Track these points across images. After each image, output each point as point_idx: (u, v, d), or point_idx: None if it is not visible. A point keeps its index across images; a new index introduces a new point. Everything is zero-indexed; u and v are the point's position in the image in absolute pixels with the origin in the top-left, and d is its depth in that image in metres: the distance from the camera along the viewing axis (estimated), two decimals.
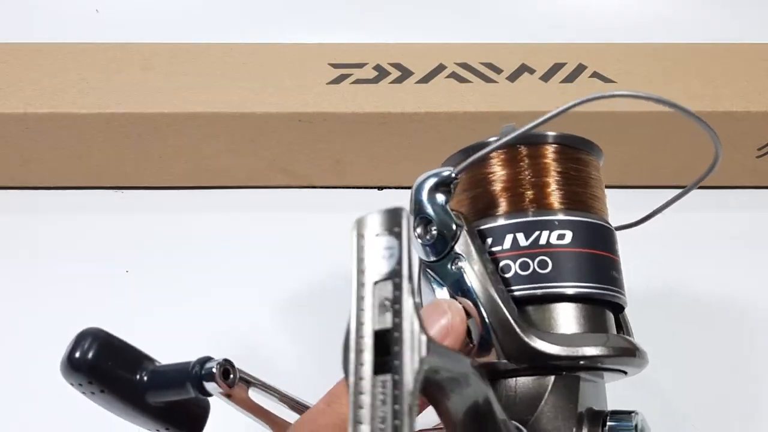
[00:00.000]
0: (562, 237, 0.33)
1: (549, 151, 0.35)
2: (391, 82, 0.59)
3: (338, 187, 0.61)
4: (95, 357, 0.33)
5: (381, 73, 0.60)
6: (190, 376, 0.33)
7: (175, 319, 0.52)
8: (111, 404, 0.34)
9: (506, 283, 0.32)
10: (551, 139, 0.35)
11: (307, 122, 0.57)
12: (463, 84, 0.59)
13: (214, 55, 0.61)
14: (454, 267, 0.32)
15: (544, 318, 0.32)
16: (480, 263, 0.32)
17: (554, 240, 0.33)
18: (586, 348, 0.31)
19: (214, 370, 0.32)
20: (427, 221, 0.33)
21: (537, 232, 0.33)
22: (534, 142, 0.35)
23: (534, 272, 0.32)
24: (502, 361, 0.31)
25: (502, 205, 0.34)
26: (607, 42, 0.65)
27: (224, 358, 0.33)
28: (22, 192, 0.61)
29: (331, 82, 0.59)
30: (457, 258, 0.32)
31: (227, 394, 0.33)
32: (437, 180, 0.33)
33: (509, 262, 0.33)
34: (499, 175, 0.34)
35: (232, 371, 0.33)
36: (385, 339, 0.22)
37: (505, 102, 0.58)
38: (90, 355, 0.33)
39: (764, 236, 0.59)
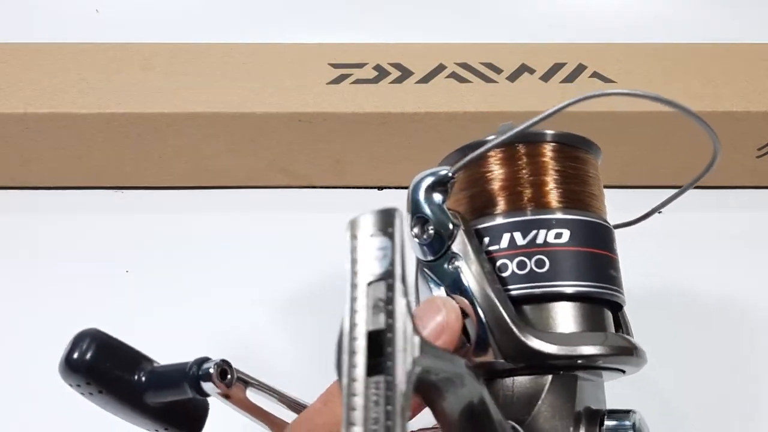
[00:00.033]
0: (559, 236, 0.32)
1: (547, 150, 0.34)
2: (391, 82, 0.59)
3: (338, 187, 0.61)
4: (93, 358, 0.33)
5: (381, 73, 0.60)
6: (188, 377, 0.33)
7: (175, 319, 0.52)
8: (109, 405, 0.34)
9: (503, 282, 0.32)
10: (549, 137, 0.34)
11: (307, 122, 0.57)
12: (463, 84, 0.59)
13: (214, 55, 0.61)
14: (451, 266, 0.32)
15: (541, 317, 0.32)
16: (477, 262, 0.32)
17: (551, 239, 0.32)
18: (584, 347, 0.31)
19: (211, 370, 0.32)
20: (424, 221, 0.33)
21: (534, 231, 0.32)
22: (532, 140, 0.34)
23: (531, 271, 0.32)
24: (499, 360, 0.31)
25: (500, 204, 0.34)
26: (607, 42, 0.65)
27: (221, 359, 0.33)
28: (22, 192, 0.61)
29: (331, 82, 0.59)
30: (454, 257, 0.32)
31: (225, 395, 0.33)
32: (434, 179, 0.33)
33: (506, 261, 0.32)
34: (497, 174, 0.34)
35: (229, 371, 0.33)
36: (378, 340, 0.22)
37: (505, 102, 0.58)
38: (88, 356, 0.33)
39: (764, 236, 0.59)
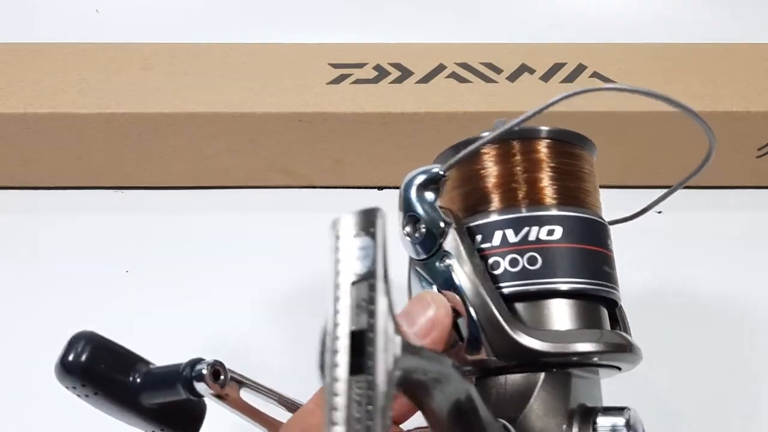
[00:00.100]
0: (551, 232, 0.32)
1: (540, 147, 0.34)
2: (391, 82, 0.59)
3: (338, 187, 0.61)
4: (88, 360, 0.33)
5: (381, 73, 0.60)
6: (181, 378, 0.33)
7: (175, 319, 0.52)
8: (105, 406, 0.34)
9: (496, 280, 0.32)
10: (542, 134, 0.34)
11: (307, 122, 0.57)
12: (463, 84, 0.59)
13: (214, 55, 0.61)
14: (442, 265, 0.32)
15: (535, 315, 0.32)
16: (469, 260, 0.32)
17: (544, 236, 0.32)
18: (578, 344, 0.31)
19: (204, 371, 0.33)
20: (415, 219, 0.32)
21: (526, 228, 0.32)
22: (525, 137, 0.34)
23: (524, 269, 0.32)
24: (491, 358, 0.31)
25: (492, 201, 0.34)
26: (607, 42, 0.65)
27: (215, 360, 0.33)
28: (22, 192, 0.61)
29: (331, 82, 0.59)
30: (445, 256, 0.32)
31: (218, 395, 0.33)
32: (426, 177, 0.33)
33: (498, 258, 0.32)
34: (490, 171, 0.34)
35: (222, 372, 0.33)
36: (361, 340, 0.22)
37: (505, 102, 0.58)
38: (83, 359, 0.33)
39: (764, 236, 0.59)
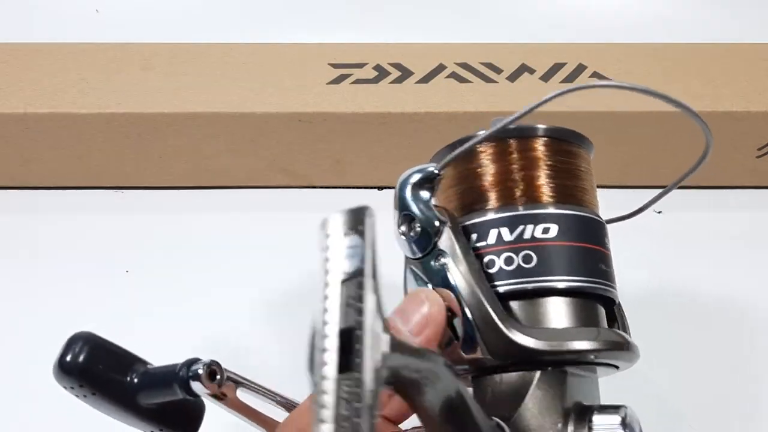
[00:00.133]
0: (547, 230, 0.32)
1: (536, 145, 0.34)
2: (391, 82, 0.59)
3: (338, 187, 0.61)
4: (86, 360, 0.33)
5: (381, 73, 0.60)
6: (177, 378, 0.33)
7: (175, 319, 0.52)
8: (103, 407, 0.34)
9: (491, 278, 0.32)
10: (540, 132, 0.34)
11: (307, 122, 0.57)
12: (463, 84, 0.59)
13: (214, 55, 0.61)
14: (437, 263, 0.32)
15: (531, 313, 0.32)
16: (463, 259, 0.32)
17: (539, 234, 0.32)
18: (574, 342, 0.31)
19: (200, 371, 0.33)
20: (411, 218, 0.32)
21: (521, 227, 0.32)
22: (521, 135, 0.34)
23: (519, 267, 0.32)
24: (486, 357, 0.31)
25: (488, 200, 0.34)
26: (607, 42, 0.65)
27: (211, 359, 0.33)
28: (22, 192, 0.61)
29: (331, 82, 0.59)
30: (440, 254, 0.32)
31: (214, 395, 0.34)
32: (421, 176, 0.33)
33: (494, 257, 0.32)
34: (485, 169, 0.34)
35: (219, 372, 0.33)
36: (350, 338, 0.22)
37: (505, 102, 0.58)
38: (80, 359, 0.33)
39: (764, 236, 0.59)
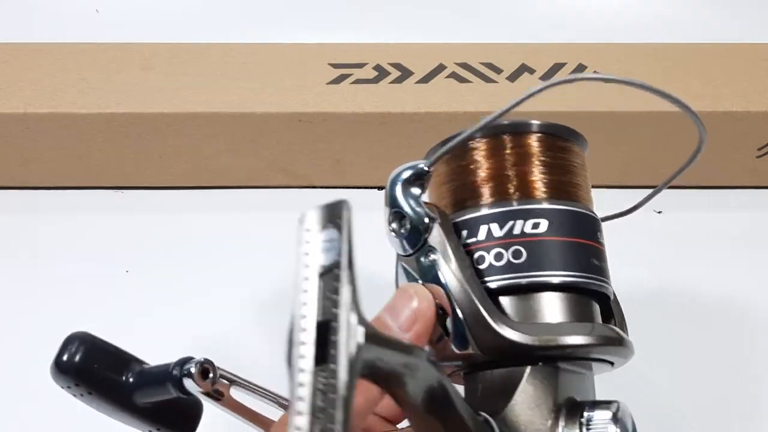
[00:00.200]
0: (536, 226, 0.32)
1: (530, 140, 0.34)
2: (391, 82, 0.59)
3: (338, 187, 0.61)
4: (82, 360, 0.34)
5: (381, 73, 0.60)
6: (171, 376, 0.33)
7: (175, 319, 0.52)
8: (100, 406, 0.35)
9: (481, 274, 0.32)
10: (533, 128, 0.34)
11: (307, 122, 0.57)
12: (463, 84, 0.59)
13: (214, 55, 0.61)
14: (427, 260, 0.32)
15: (521, 308, 0.32)
16: (453, 255, 0.32)
17: (529, 229, 0.32)
18: (567, 337, 0.31)
19: (193, 369, 0.33)
20: (401, 215, 0.33)
21: (511, 222, 0.32)
22: (515, 131, 0.34)
23: (509, 262, 0.32)
24: (477, 353, 0.31)
25: (478, 196, 0.34)
26: (607, 42, 0.65)
27: (204, 358, 0.34)
28: (22, 192, 0.61)
29: (331, 82, 0.59)
30: (430, 251, 0.32)
31: (208, 393, 0.34)
32: (411, 173, 0.33)
33: (483, 253, 0.32)
34: (477, 165, 0.34)
35: (211, 370, 0.34)
36: (326, 330, 0.22)
37: (505, 102, 0.56)
38: (77, 359, 0.34)
39: (764, 236, 0.59)
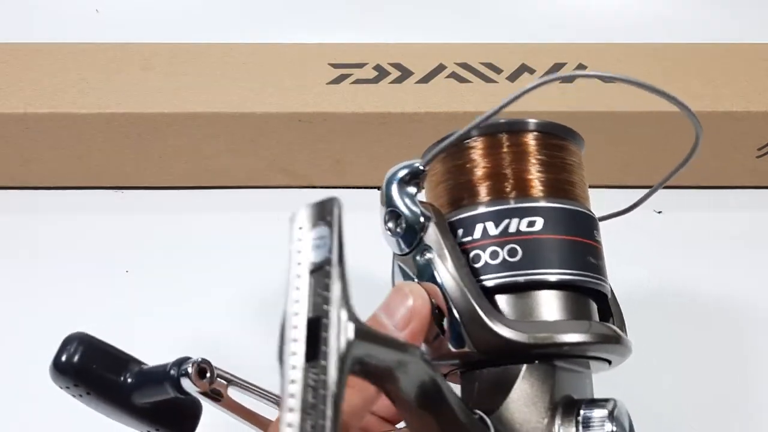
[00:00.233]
0: (532, 224, 0.32)
1: (526, 139, 0.34)
2: (391, 82, 0.59)
3: (338, 187, 0.61)
4: (80, 360, 0.34)
5: (381, 73, 0.60)
6: (168, 376, 0.33)
7: (175, 319, 0.52)
8: (99, 406, 0.35)
9: (477, 273, 0.32)
10: (529, 126, 0.34)
11: (307, 122, 0.57)
12: (463, 84, 0.59)
13: (214, 55, 0.61)
14: (423, 259, 0.32)
15: (520, 306, 0.32)
16: (449, 254, 0.32)
17: (524, 227, 0.32)
18: (563, 335, 0.31)
19: (189, 369, 0.33)
20: (397, 214, 0.33)
21: (507, 221, 0.32)
22: (511, 130, 0.34)
23: (504, 261, 0.32)
24: (472, 351, 0.31)
25: (474, 195, 0.34)
26: (607, 42, 0.65)
27: (201, 358, 0.34)
28: (22, 192, 0.61)
29: (331, 82, 0.59)
30: (426, 250, 0.32)
31: (205, 392, 0.34)
32: (406, 172, 0.33)
33: (479, 251, 0.32)
34: (473, 164, 0.34)
35: (208, 370, 0.34)
36: (318, 326, 0.22)
37: None
38: (75, 359, 0.34)
39: (764, 236, 0.59)
